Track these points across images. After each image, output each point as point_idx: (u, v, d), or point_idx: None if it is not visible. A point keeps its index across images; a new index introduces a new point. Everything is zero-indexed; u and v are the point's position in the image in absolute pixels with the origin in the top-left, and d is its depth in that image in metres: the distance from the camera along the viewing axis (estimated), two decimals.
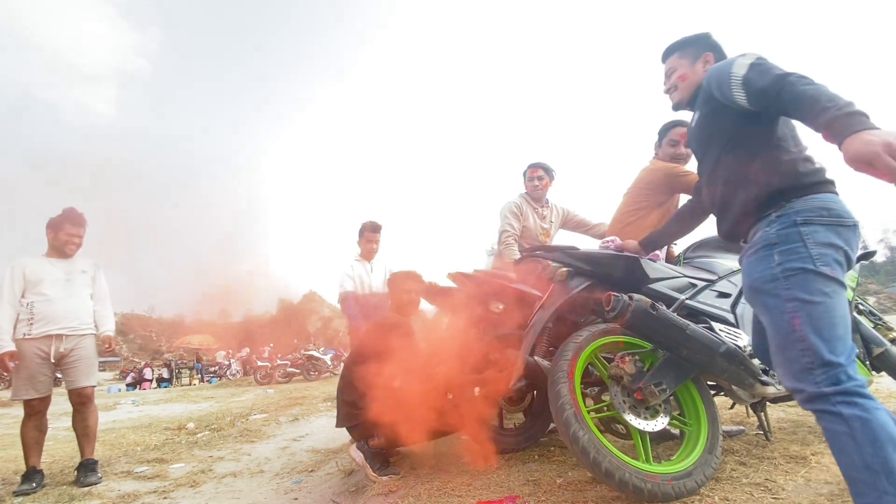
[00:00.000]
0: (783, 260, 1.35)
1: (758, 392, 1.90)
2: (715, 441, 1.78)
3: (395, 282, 2.83)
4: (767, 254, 1.40)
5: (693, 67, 1.77)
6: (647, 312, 1.72)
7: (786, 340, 1.31)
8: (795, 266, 1.33)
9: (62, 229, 3.16)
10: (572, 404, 1.71)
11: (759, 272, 1.41)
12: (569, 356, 1.83)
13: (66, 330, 3.09)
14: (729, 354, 1.76)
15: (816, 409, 1.24)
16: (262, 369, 14.24)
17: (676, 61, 1.82)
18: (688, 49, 1.80)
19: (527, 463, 2.32)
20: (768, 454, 2.06)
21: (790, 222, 1.38)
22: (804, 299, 1.29)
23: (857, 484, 1.15)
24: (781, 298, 1.33)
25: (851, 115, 1.18)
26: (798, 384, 1.27)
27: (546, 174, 3.44)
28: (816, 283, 1.29)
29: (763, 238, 1.43)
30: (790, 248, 1.35)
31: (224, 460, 3.51)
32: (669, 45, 1.86)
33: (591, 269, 2.11)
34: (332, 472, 2.84)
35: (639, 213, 2.65)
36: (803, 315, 1.28)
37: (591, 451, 1.62)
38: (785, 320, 1.32)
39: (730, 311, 2.14)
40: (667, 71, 1.86)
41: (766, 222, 1.45)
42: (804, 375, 1.25)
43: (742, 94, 1.46)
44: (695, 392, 1.91)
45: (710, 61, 1.75)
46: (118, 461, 3.60)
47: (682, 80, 1.78)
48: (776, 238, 1.39)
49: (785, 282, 1.33)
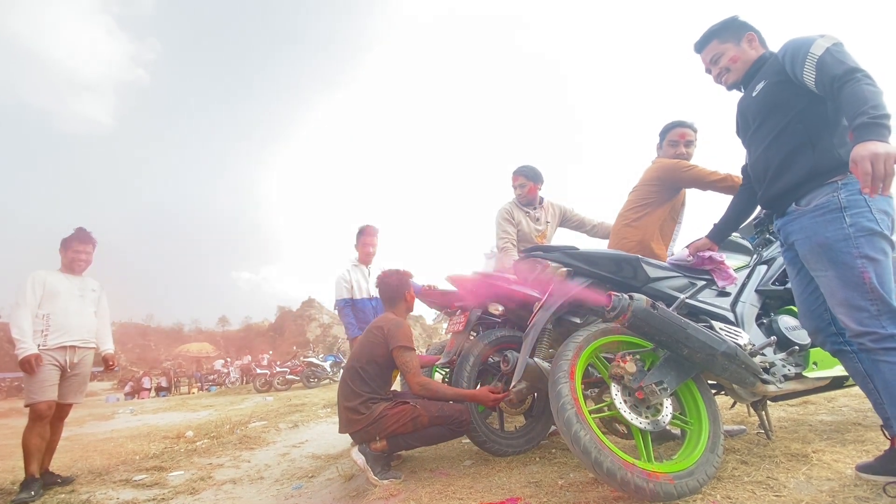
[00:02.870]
0: (854, 222, 1.53)
1: (759, 391, 1.90)
2: (716, 440, 1.78)
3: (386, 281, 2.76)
4: (838, 216, 1.56)
5: (741, 48, 1.86)
6: (647, 311, 1.72)
7: (856, 292, 1.52)
8: (865, 227, 1.52)
9: (71, 247, 3.39)
10: (573, 404, 1.70)
11: (832, 232, 1.57)
12: (569, 356, 1.82)
13: (79, 342, 3.27)
14: (730, 353, 1.76)
15: (884, 347, 1.47)
16: (261, 377, 14.16)
17: (719, 46, 1.90)
18: (726, 33, 1.90)
19: (528, 465, 2.31)
20: (770, 452, 2.05)
21: (856, 189, 1.53)
22: (872, 257, 1.50)
23: None
24: (853, 255, 1.52)
25: (875, 125, 1.37)
26: (868, 328, 1.49)
27: (528, 180, 3.39)
28: (881, 244, 1.51)
29: (831, 202, 1.59)
30: (859, 212, 1.53)
31: (223, 467, 3.48)
32: (703, 34, 1.96)
33: (591, 269, 2.11)
34: (333, 477, 2.82)
35: (644, 209, 2.65)
36: (871, 270, 1.49)
37: (592, 451, 1.61)
38: (856, 274, 1.51)
39: (730, 309, 2.15)
40: (712, 58, 1.94)
41: (832, 188, 1.60)
42: (873, 321, 1.48)
43: (812, 76, 1.57)
44: (696, 391, 1.90)
45: (754, 39, 1.86)
46: (116, 469, 3.57)
47: (733, 61, 1.87)
48: (846, 202, 1.55)
49: (856, 241, 1.52)
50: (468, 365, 2.48)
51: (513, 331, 2.67)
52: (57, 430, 3.30)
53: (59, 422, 3.30)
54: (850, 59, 1.51)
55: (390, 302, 2.73)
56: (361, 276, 4.08)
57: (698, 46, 1.98)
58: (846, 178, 1.58)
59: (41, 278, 3.22)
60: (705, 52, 1.95)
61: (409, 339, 2.49)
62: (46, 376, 3.08)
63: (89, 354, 3.38)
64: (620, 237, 2.67)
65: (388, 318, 2.59)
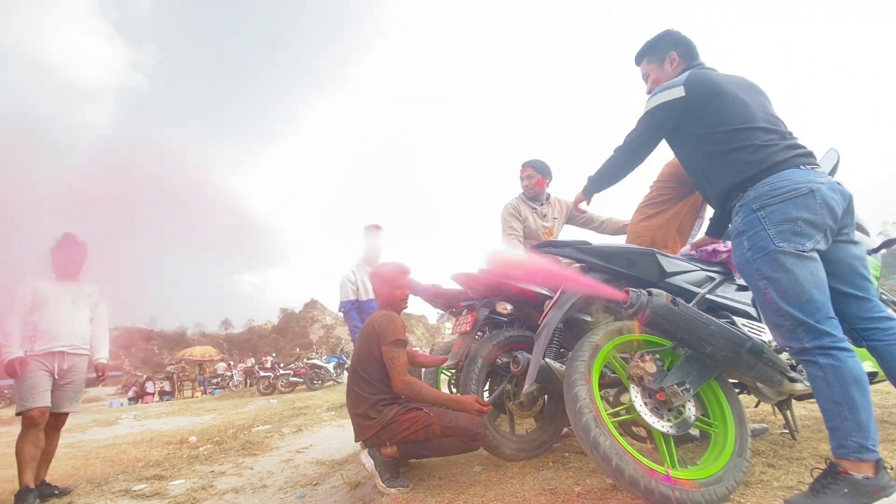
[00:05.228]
0: (750, 245, 1.56)
1: (786, 389, 1.80)
2: (744, 443, 1.67)
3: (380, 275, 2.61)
4: (739, 241, 1.61)
5: (662, 69, 1.90)
6: (668, 308, 1.62)
7: (767, 311, 1.56)
8: (760, 247, 1.53)
9: (58, 253, 3.30)
10: (591, 408, 1.60)
11: (738, 257, 1.64)
12: (585, 357, 1.72)
13: (67, 347, 3.16)
14: (756, 350, 1.66)
15: (802, 360, 1.50)
16: (264, 380, 14.09)
17: (647, 66, 1.96)
18: (654, 52, 1.94)
19: (541, 470, 2.21)
20: (797, 454, 1.95)
21: (749, 209, 1.56)
22: (770, 276, 1.51)
23: (826, 413, 1.45)
24: (756, 278, 1.56)
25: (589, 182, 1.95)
26: (788, 343, 1.52)
27: (536, 172, 3.29)
28: (779, 259, 1.49)
29: (734, 227, 1.64)
30: (754, 233, 1.55)
31: (225, 475, 3.39)
32: (638, 51, 1.99)
33: (605, 265, 2.01)
34: (338, 484, 2.73)
35: (662, 205, 2.55)
36: (772, 290, 1.51)
37: (613, 458, 1.51)
38: (761, 296, 1.55)
39: (751, 304, 2.04)
40: (643, 76, 2.00)
41: (734, 213, 1.65)
42: (790, 335, 1.50)
43: None
44: (719, 391, 1.80)
45: (675, 59, 1.88)
46: (116, 479, 3.48)
47: (655, 83, 1.91)
48: (742, 226, 1.59)
49: (755, 263, 1.55)
50: (476, 367, 2.38)
51: (522, 330, 2.57)
52: (53, 440, 3.21)
53: (54, 431, 3.21)
54: (641, 126, 1.80)
55: (383, 297, 2.61)
56: (367, 277, 3.96)
57: (636, 61, 2.02)
58: (740, 199, 1.61)
59: (31, 285, 3.15)
60: (640, 69, 2.01)
61: (399, 334, 2.34)
62: (37, 382, 2.98)
63: (81, 361, 3.27)
64: (636, 233, 2.57)
65: (380, 314, 2.46)
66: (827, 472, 1.44)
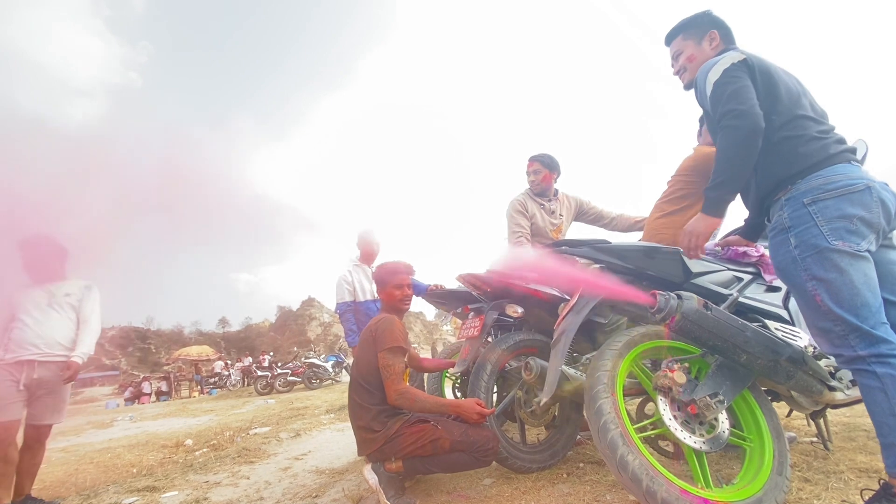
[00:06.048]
0: (798, 242, 1.43)
1: (825, 399, 1.66)
2: (783, 459, 1.53)
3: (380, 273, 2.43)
4: (784, 238, 1.48)
5: (700, 47, 1.78)
6: (700, 313, 1.48)
7: (816, 315, 1.42)
8: (811, 245, 1.40)
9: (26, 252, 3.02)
10: (617, 423, 1.46)
11: (781, 255, 1.49)
12: (608, 367, 1.58)
13: (37, 356, 2.86)
14: (796, 358, 1.52)
15: (854, 369, 1.37)
16: (262, 379, 13.93)
17: (681, 43, 1.83)
18: (691, 29, 1.80)
19: (556, 483, 2.07)
20: (833, 467, 1.82)
21: (800, 203, 1.44)
22: (821, 277, 1.38)
23: (882, 427, 1.31)
24: (803, 278, 1.42)
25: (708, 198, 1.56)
26: (837, 350, 1.39)
27: (543, 166, 3.13)
28: (833, 258, 1.37)
29: (778, 222, 1.50)
30: (804, 229, 1.42)
31: (221, 486, 3.24)
32: (672, 27, 1.86)
33: (626, 265, 1.86)
34: (339, 498, 2.58)
35: (682, 200, 2.40)
36: (823, 291, 1.38)
37: (643, 479, 1.37)
38: (809, 298, 1.42)
39: (782, 306, 1.90)
40: (674, 54, 1.87)
41: (778, 206, 1.52)
42: (841, 342, 1.37)
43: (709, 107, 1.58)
44: (752, 401, 1.66)
45: (716, 38, 1.76)
46: (106, 491, 3.33)
47: (690, 61, 1.80)
48: (789, 221, 1.46)
49: (803, 262, 1.42)
50: (485, 374, 2.23)
51: (532, 334, 2.42)
52: (37, 453, 3.00)
53: (37, 444, 2.98)
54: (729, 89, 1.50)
55: (383, 296, 2.42)
56: (364, 277, 3.80)
57: (667, 39, 1.89)
58: (788, 192, 1.49)
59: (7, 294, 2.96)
60: (672, 46, 1.88)
61: (398, 340, 2.16)
62: (2, 394, 2.74)
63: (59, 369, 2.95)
64: (654, 230, 2.42)
65: (380, 318, 2.27)
66: (881, 493, 1.32)
